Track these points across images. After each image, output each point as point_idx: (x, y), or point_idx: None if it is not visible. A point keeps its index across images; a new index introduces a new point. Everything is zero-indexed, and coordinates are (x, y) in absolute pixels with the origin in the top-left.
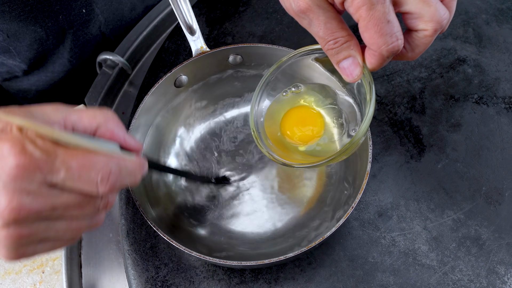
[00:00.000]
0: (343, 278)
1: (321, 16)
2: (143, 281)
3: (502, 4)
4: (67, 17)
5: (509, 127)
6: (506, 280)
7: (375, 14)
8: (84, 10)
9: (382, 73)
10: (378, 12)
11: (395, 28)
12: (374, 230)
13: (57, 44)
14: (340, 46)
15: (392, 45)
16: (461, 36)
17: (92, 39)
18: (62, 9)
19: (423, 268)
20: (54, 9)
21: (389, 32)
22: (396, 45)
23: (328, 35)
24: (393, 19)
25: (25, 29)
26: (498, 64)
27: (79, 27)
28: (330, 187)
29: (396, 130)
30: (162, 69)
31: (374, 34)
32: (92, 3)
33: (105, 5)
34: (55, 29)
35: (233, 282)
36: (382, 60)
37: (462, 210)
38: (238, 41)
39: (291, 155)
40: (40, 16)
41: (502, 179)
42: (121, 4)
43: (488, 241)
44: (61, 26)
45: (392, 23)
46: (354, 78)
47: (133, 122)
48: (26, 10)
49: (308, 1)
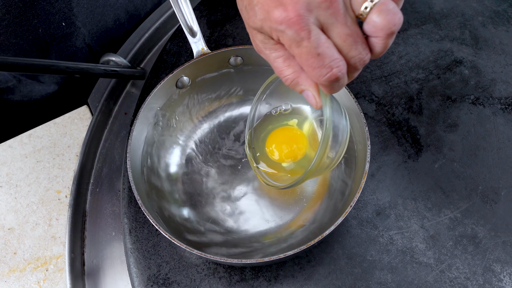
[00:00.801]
0: (341, 276)
1: (269, 56)
2: (145, 278)
3: (498, 7)
4: (47, 30)
5: (505, 127)
6: (502, 278)
7: (303, 51)
8: (63, 24)
9: (380, 75)
10: (305, 48)
11: (326, 60)
12: (372, 228)
13: (42, 56)
14: (291, 83)
15: (328, 75)
16: (458, 38)
17: (77, 51)
18: (40, 23)
19: (421, 266)
20: (32, 23)
21: (320, 65)
22: (332, 74)
23: (278, 73)
24: (324, 50)
25: (7, 42)
26: (494, 66)
27: (62, 39)
28: (329, 187)
29: (394, 131)
30: (164, 70)
31: (308, 69)
32: (72, 17)
33: (87, 18)
34: (37, 41)
35: (233, 280)
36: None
37: (459, 209)
38: (238, 43)
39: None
40: (19, 30)
41: (498, 178)
42: (104, 16)
43: (484, 239)
44: (43, 38)
45: (323, 55)
46: (317, 106)
47: (135, 123)
48: (3, 24)
49: (258, 43)
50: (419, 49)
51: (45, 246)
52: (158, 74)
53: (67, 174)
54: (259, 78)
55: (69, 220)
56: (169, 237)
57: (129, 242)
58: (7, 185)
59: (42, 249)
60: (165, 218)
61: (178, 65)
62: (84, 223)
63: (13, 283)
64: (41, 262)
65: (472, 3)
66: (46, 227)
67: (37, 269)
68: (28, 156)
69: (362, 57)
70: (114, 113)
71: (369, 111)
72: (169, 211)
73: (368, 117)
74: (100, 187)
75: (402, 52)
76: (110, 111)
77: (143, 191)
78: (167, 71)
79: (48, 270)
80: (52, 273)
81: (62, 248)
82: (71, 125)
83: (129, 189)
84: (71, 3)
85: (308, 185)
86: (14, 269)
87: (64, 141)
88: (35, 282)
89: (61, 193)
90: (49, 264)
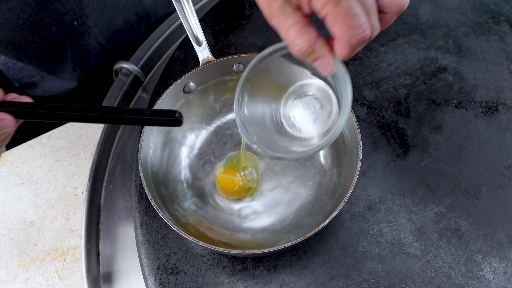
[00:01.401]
0: (335, 266)
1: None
2: (155, 268)
3: (479, 18)
4: (61, 29)
5: (485, 129)
6: (483, 267)
7: (342, 10)
8: (75, 23)
9: (371, 80)
10: (343, 7)
11: (361, 20)
12: (363, 222)
13: (60, 54)
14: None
15: (361, 35)
16: (442, 47)
17: (91, 49)
18: (54, 21)
19: (408, 256)
20: (45, 21)
21: (356, 24)
22: (365, 34)
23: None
24: (358, 11)
25: (26, 40)
26: (476, 72)
27: (75, 38)
28: (323, 185)
29: (384, 132)
30: (172, 77)
31: (343, 28)
32: (83, 17)
33: (97, 18)
34: (52, 40)
35: (236, 269)
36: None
37: (443, 204)
38: (241, 51)
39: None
40: (35, 28)
41: (479, 176)
42: (114, 17)
43: (466, 232)
44: (57, 37)
45: (359, 16)
46: (328, 73)
47: None
48: (20, 22)
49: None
50: (407, 57)
51: (63, 238)
52: (166, 80)
53: (83, 172)
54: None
55: (85, 214)
56: (177, 230)
57: (140, 234)
58: (28, 182)
59: (60, 241)
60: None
61: (185, 71)
62: (99, 217)
63: (33, 272)
64: (59, 253)
65: (456, 15)
66: (64, 221)
67: (55, 259)
68: (47, 155)
69: (376, 28)
70: None
71: (361, 114)
72: (177, 206)
73: (360, 119)
74: (113, 183)
75: (391, 60)
76: None
77: (152, 187)
78: (175, 77)
79: (66, 260)
80: (70, 263)
81: (79, 239)
82: (87, 127)
83: (140, 185)
84: (81, 4)
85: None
86: (34, 259)
87: (81, 142)
88: (54, 271)
89: (77, 189)
90: (67, 254)
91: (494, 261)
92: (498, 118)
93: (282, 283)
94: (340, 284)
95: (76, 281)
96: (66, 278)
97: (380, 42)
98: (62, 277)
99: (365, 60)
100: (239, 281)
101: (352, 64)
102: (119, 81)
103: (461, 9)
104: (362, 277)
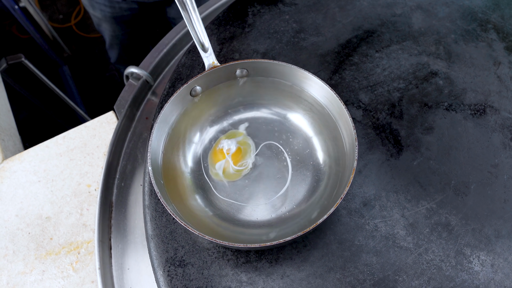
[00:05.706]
0: (333, 258)
1: None
2: (164, 261)
3: (469, 26)
4: None
5: (474, 130)
6: (472, 260)
7: None
8: None
9: (366, 85)
10: None
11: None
12: (359, 217)
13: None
14: None
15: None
16: (434, 53)
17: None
18: None
19: (401, 250)
20: None
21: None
22: None
23: None
24: None
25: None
26: (465, 77)
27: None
28: (322, 182)
29: (379, 133)
30: (179, 81)
31: None
32: None
33: None
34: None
35: (240, 262)
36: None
37: (434, 200)
38: (244, 57)
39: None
40: None
41: (468, 174)
42: None
43: (456, 227)
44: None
45: None
46: None
47: (155, 126)
48: None
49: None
50: (400, 62)
51: (77, 233)
52: (174, 84)
53: (96, 170)
54: (262, 88)
55: (98, 210)
56: (184, 225)
57: (150, 229)
58: (44, 179)
59: (74, 235)
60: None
61: (192, 76)
62: (111, 212)
63: (49, 264)
64: (73, 246)
65: (446, 23)
66: (78, 216)
67: (70, 253)
68: (62, 154)
69: None
70: (137, 117)
71: (357, 116)
72: (185, 202)
73: (356, 121)
74: (124, 181)
75: (385, 65)
76: (133, 116)
77: (161, 185)
78: (182, 82)
79: (80, 253)
80: (83, 256)
81: (92, 234)
82: (100, 128)
83: (150, 183)
84: None
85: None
86: (50, 252)
87: (94, 142)
88: (69, 264)
89: (91, 187)
90: (81, 248)
91: (482, 254)
92: (486, 120)
93: (283, 275)
94: (338, 276)
95: (89, 273)
96: (80, 270)
97: (375, 48)
98: (76, 269)
99: (361, 65)
100: (243, 273)
101: (348, 69)
102: (130, 85)
103: (451, 18)
104: (358, 269)
